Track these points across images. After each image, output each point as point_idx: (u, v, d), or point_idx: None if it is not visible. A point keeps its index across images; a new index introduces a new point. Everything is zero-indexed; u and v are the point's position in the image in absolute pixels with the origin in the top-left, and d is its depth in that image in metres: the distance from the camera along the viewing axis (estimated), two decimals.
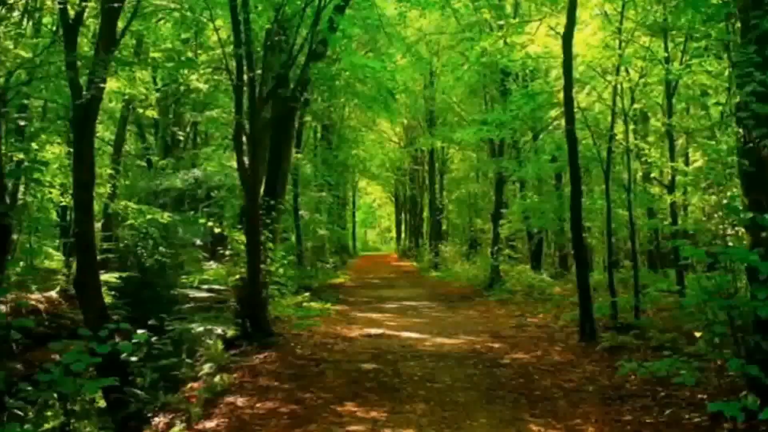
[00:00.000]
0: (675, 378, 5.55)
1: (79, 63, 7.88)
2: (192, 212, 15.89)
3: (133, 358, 7.18)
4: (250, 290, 9.47)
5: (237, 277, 10.14)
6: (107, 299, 9.67)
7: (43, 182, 11.63)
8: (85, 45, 11.60)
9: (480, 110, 20.14)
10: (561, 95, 10.46)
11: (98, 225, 12.97)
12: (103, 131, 17.67)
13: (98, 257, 9.29)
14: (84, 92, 7.61)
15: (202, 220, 12.24)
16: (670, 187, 10.94)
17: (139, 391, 6.90)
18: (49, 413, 6.70)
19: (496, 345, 9.23)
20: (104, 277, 10.15)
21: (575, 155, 9.37)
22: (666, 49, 10.28)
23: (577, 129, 9.92)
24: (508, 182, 19.80)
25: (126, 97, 13.28)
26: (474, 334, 10.29)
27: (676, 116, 12.23)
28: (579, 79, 11.03)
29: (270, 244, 10.72)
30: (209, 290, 11.49)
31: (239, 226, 11.02)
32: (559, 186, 17.47)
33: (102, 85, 7.68)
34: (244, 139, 9.76)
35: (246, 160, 9.68)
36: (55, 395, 5.42)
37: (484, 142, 19.46)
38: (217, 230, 11.25)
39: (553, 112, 13.70)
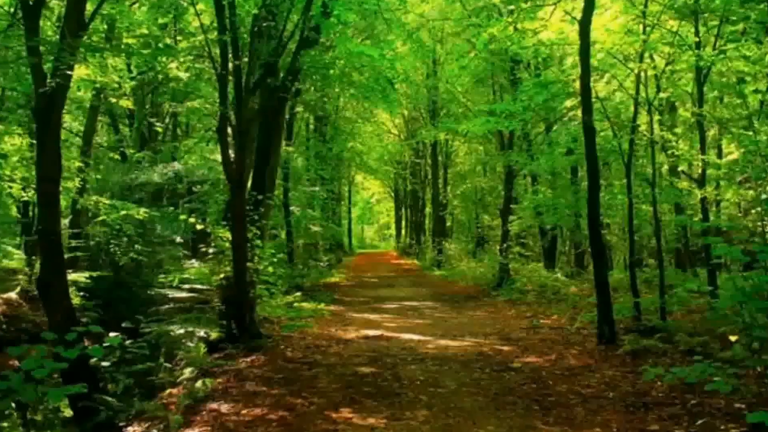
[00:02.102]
0: (708, 385, 5.44)
1: (42, 48, 7.77)
2: (171, 208, 15.84)
3: (105, 363, 7.22)
4: (236, 290, 9.52)
5: (222, 276, 10.18)
6: (75, 300, 9.65)
7: (2, 176, 11.52)
8: (49, 29, 11.48)
9: (487, 100, 20.23)
10: (577, 84, 10.42)
11: (65, 221, 12.92)
12: (71, 122, 17.58)
13: (65, 255, 9.23)
14: (48, 80, 7.54)
15: (182, 216, 12.24)
16: (701, 181, 10.90)
17: (110, 399, 6.84)
18: (6, 424, 6.60)
19: (506, 348, 9.22)
20: (72, 276, 10.08)
21: (593, 148, 9.36)
22: (697, 33, 10.20)
23: (596, 120, 9.88)
24: (519, 176, 19.92)
25: (97, 85, 13.17)
26: (481, 336, 10.31)
27: (708, 105, 12.16)
28: (597, 67, 10.99)
29: (258, 242, 10.79)
30: (191, 290, 11.43)
31: (224, 223, 11.06)
32: (575, 180, 17.53)
33: (69, 72, 7.63)
34: (229, 131, 9.83)
35: (231, 153, 9.76)
36: (13, 404, 5.33)
37: (492, 134, 19.54)
38: (199, 227, 11.23)
39: (569, 102, 13.70)
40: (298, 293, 14.45)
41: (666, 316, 9.50)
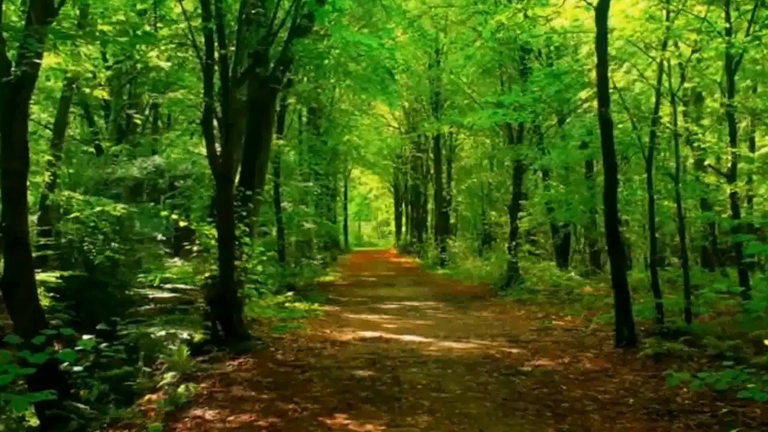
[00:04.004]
0: (741, 392, 5.37)
1: (6, 35, 7.73)
2: (152, 204, 15.83)
3: (77, 368, 7.14)
4: (222, 289, 9.57)
5: (207, 275, 10.22)
6: (45, 301, 9.60)
7: None
8: (13, 14, 11.39)
9: (495, 92, 20.39)
10: (593, 74, 10.51)
11: (33, 218, 12.88)
12: (40, 113, 17.52)
13: (34, 254, 9.19)
14: (14, 68, 7.51)
15: (164, 213, 12.29)
16: (731, 176, 10.90)
17: (82, 406, 6.79)
18: None
19: (515, 350, 9.23)
20: (41, 276, 10.00)
21: (610, 141, 9.38)
22: (728, 18, 10.16)
23: (614, 112, 9.95)
24: (529, 171, 20.05)
25: (68, 74, 13.10)
26: (488, 337, 10.35)
27: (739, 95, 12.14)
28: (615, 55, 11.00)
29: (246, 239, 10.88)
30: (173, 290, 11.41)
31: (209, 219, 11.12)
32: (591, 175, 17.67)
33: (37, 60, 7.63)
34: (215, 123, 9.92)
35: (217, 146, 9.85)
36: None
37: (500, 126, 19.70)
38: (182, 224, 11.30)
39: (584, 93, 13.78)
40: (290, 293, 14.57)
41: (691, 318, 9.47)
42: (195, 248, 11.12)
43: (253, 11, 10.11)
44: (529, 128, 18.68)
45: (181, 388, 6.95)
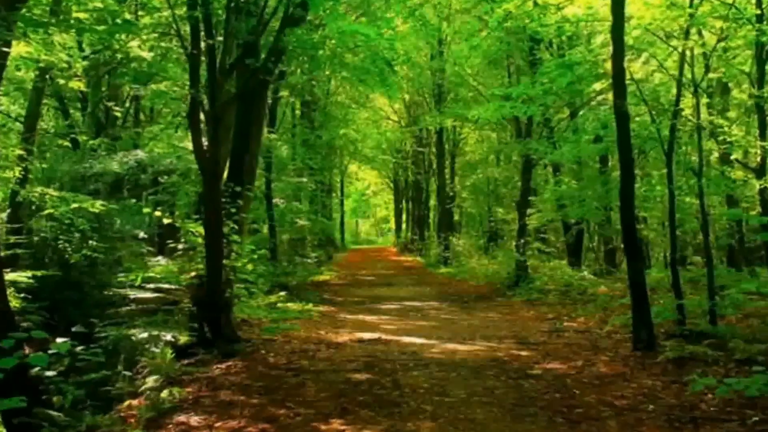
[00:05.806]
0: None
1: None
2: (134, 200, 15.86)
3: (50, 373, 7.12)
4: (210, 289, 9.60)
5: (193, 274, 10.28)
6: (14, 303, 9.56)
7: None
8: None
9: (502, 83, 20.59)
10: (608, 65, 10.48)
11: (3, 215, 12.92)
12: (9, 105, 17.48)
13: (3, 252, 9.17)
14: None
15: (146, 210, 12.37)
16: (760, 171, 10.87)
17: (54, 413, 6.71)
18: None
19: (524, 353, 9.25)
20: (11, 276, 9.98)
21: (626, 134, 9.36)
22: (759, 4, 10.13)
23: (630, 104, 9.91)
24: (539, 166, 20.24)
25: (41, 64, 13.04)
26: (495, 339, 10.40)
27: None
28: (633, 45, 10.98)
29: (235, 237, 10.94)
30: (156, 290, 11.38)
31: (196, 216, 11.11)
32: (605, 170, 17.78)
33: (5, 49, 7.62)
34: (201, 116, 9.98)
35: (204, 140, 9.90)
36: None
37: (508, 120, 19.82)
38: (166, 221, 11.34)
39: (598, 85, 13.84)
40: (283, 293, 14.71)
41: (717, 320, 9.43)
42: (180, 246, 11.16)
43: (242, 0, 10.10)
44: (539, 122, 18.86)
45: (165, 393, 6.94)
